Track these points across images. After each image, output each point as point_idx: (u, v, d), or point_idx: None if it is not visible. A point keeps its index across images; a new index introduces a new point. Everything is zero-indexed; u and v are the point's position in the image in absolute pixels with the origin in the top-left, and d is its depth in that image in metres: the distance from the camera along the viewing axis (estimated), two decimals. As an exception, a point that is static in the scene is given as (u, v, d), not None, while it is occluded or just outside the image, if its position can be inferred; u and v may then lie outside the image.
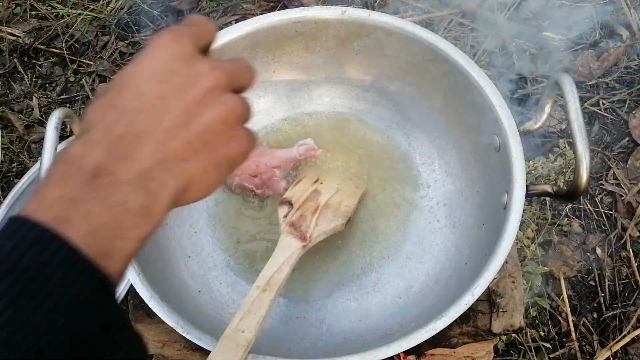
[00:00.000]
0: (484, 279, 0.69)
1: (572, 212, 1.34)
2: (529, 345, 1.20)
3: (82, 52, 1.57)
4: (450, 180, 0.92)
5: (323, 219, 0.82)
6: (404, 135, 0.97)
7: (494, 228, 0.75)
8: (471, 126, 0.86)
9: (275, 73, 0.96)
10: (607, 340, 1.21)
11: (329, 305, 0.86)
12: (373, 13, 0.86)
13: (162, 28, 1.58)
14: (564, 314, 1.25)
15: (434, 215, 0.91)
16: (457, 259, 0.85)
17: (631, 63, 1.48)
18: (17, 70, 1.56)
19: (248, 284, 0.89)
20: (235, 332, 0.66)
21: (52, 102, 1.51)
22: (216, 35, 0.44)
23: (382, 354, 0.67)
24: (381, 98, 0.98)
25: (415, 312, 0.82)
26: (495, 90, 0.80)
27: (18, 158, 1.44)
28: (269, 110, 0.99)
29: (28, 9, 1.63)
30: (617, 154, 1.40)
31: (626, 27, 1.53)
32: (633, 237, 1.31)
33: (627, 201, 1.34)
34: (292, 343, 0.82)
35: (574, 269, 1.28)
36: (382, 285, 0.87)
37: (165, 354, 0.93)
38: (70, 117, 0.77)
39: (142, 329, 0.91)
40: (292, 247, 0.78)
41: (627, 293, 1.26)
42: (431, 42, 0.84)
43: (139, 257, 0.74)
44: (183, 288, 0.85)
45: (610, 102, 1.45)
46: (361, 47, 0.91)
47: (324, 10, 0.88)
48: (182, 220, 0.92)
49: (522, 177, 0.74)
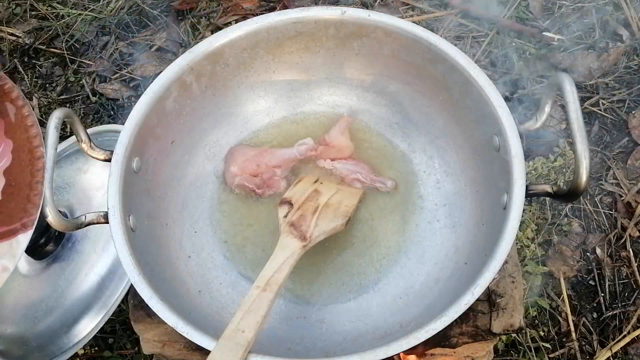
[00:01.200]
0: (484, 279, 0.69)
1: (572, 212, 1.34)
2: (528, 346, 1.20)
3: (82, 52, 1.57)
4: (450, 180, 0.92)
5: (323, 218, 0.82)
6: (404, 135, 0.97)
7: (494, 228, 0.75)
8: (471, 126, 0.86)
9: (275, 73, 0.96)
10: (607, 340, 1.21)
11: (329, 305, 0.87)
12: (373, 13, 0.86)
13: (162, 28, 1.58)
14: (564, 314, 1.25)
15: (434, 215, 0.91)
16: (457, 259, 0.85)
17: (631, 63, 1.48)
18: (17, 70, 1.56)
19: (248, 284, 0.89)
20: (235, 332, 0.66)
21: (52, 102, 1.51)
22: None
23: (382, 354, 0.67)
24: (381, 98, 0.98)
25: (415, 312, 0.82)
26: (495, 90, 0.80)
27: (18, 158, 1.44)
28: (269, 110, 0.99)
29: (28, 9, 1.63)
30: (617, 154, 1.40)
31: (626, 27, 1.53)
32: (633, 237, 1.31)
33: (627, 201, 1.34)
34: (292, 343, 0.82)
35: (574, 269, 1.28)
36: (382, 285, 0.87)
37: (165, 354, 0.93)
38: (70, 117, 0.77)
39: (142, 329, 0.91)
40: (292, 247, 0.78)
41: (627, 293, 1.26)
42: (431, 42, 0.84)
43: (139, 258, 0.74)
44: (183, 288, 0.85)
45: (610, 102, 1.45)
46: (361, 47, 0.91)
47: (324, 10, 0.88)
48: (182, 220, 0.92)
49: (522, 177, 0.74)
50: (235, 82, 0.94)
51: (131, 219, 0.78)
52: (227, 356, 0.64)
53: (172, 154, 0.90)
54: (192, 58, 0.86)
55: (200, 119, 0.93)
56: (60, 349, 1.02)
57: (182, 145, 0.92)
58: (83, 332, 1.02)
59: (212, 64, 0.89)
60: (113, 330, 1.23)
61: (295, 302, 0.87)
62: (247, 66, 0.93)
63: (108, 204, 0.76)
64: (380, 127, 0.98)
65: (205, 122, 0.94)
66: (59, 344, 1.02)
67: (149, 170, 0.86)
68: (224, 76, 0.92)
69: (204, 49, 0.86)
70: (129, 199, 0.79)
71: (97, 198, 1.07)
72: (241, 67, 0.92)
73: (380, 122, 0.98)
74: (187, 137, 0.92)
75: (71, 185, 1.08)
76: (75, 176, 1.09)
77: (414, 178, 0.94)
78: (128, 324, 0.97)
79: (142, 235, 0.80)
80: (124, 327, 1.23)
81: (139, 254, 0.75)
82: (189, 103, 0.90)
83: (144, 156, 0.84)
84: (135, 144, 0.81)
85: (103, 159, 0.81)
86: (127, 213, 0.78)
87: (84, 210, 1.05)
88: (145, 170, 0.84)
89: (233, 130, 0.98)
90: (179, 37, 1.56)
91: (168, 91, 0.85)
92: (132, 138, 0.80)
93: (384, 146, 0.96)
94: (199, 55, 0.86)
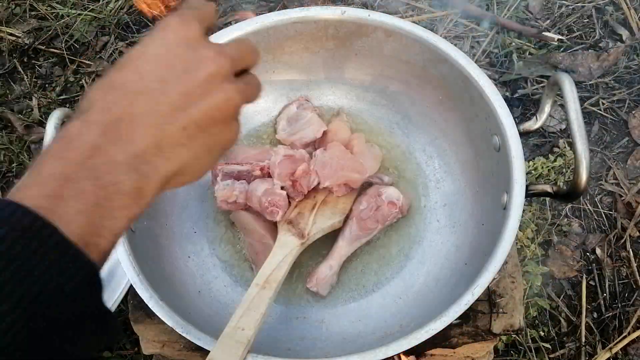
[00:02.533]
0: (484, 279, 0.69)
1: (572, 212, 1.34)
2: (528, 346, 1.20)
3: (81, 52, 1.57)
4: (450, 180, 0.92)
5: (321, 216, 0.82)
6: (404, 136, 0.97)
7: (494, 228, 0.75)
8: (471, 126, 0.86)
9: (275, 73, 0.96)
10: (608, 341, 1.21)
11: (329, 305, 0.87)
12: (373, 13, 0.86)
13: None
14: (563, 314, 1.25)
15: (434, 215, 0.91)
16: (457, 259, 0.85)
17: (631, 63, 1.48)
18: (17, 71, 1.56)
19: (248, 283, 0.89)
20: (235, 330, 0.66)
21: (52, 102, 1.51)
22: (217, 17, 0.45)
23: (382, 354, 0.67)
24: (381, 98, 0.98)
25: (415, 312, 0.82)
26: (495, 90, 0.80)
27: (18, 158, 1.44)
28: (269, 110, 0.99)
29: (28, 9, 1.63)
30: (617, 154, 1.40)
31: (626, 27, 1.53)
32: (633, 237, 1.31)
33: (627, 201, 1.34)
34: (292, 343, 0.82)
35: (574, 269, 1.28)
36: (382, 286, 0.87)
37: (165, 354, 0.93)
38: (70, 117, 0.77)
39: (142, 329, 0.91)
40: (290, 244, 0.78)
41: (627, 293, 1.26)
42: (431, 42, 0.84)
43: (139, 258, 0.74)
44: (183, 288, 0.85)
45: (610, 102, 1.45)
46: (361, 47, 0.91)
47: (324, 10, 0.88)
48: (182, 220, 0.91)
49: (522, 177, 0.74)
50: (235, 82, 0.94)
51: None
52: (227, 354, 0.64)
53: (172, 154, 0.90)
54: (192, 58, 0.86)
55: (200, 119, 0.93)
56: (60, 349, 1.02)
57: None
58: (83, 332, 1.02)
59: (212, 64, 0.88)
60: (113, 331, 1.23)
61: (295, 302, 0.87)
62: (247, 66, 0.93)
63: (108, 204, 0.76)
64: (380, 127, 0.98)
65: (205, 122, 0.94)
66: (59, 344, 1.02)
67: (149, 170, 0.85)
68: (223, 76, 0.92)
69: (203, 49, 0.86)
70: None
71: (96, 198, 1.07)
72: (241, 67, 0.92)
73: (380, 122, 0.98)
74: (187, 137, 0.92)
75: (71, 185, 1.08)
76: (75, 176, 1.09)
77: (414, 178, 0.94)
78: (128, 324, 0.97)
79: (142, 236, 0.80)
80: (124, 327, 1.23)
81: (138, 254, 0.75)
82: (188, 103, 0.90)
83: (143, 156, 0.83)
84: (135, 144, 0.81)
85: (103, 159, 0.80)
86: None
87: (84, 210, 1.05)
88: (145, 170, 0.84)
89: (233, 130, 0.98)
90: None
91: (168, 91, 0.85)
92: (132, 138, 0.80)
93: (383, 146, 0.96)
94: (198, 55, 0.86)
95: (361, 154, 0.89)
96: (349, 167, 0.86)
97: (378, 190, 0.88)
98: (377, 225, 0.86)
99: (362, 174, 0.87)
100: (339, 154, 0.87)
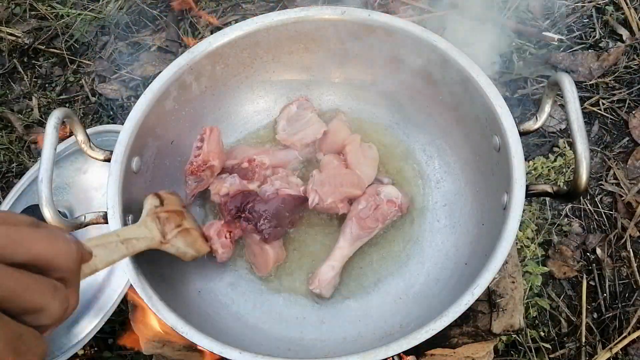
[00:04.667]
0: (484, 279, 0.69)
1: (572, 212, 1.34)
2: (529, 346, 1.20)
3: (81, 52, 1.57)
4: (450, 180, 0.92)
5: (181, 238, 0.77)
6: (404, 135, 0.97)
7: (494, 228, 0.75)
8: (471, 126, 0.86)
9: (275, 73, 0.96)
10: (608, 341, 1.21)
11: (329, 305, 0.86)
12: (373, 13, 0.86)
13: (161, 28, 1.58)
14: (564, 314, 1.25)
15: (434, 215, 0.91)
16: (457, 259, 0.85)
17: (631, 63, 1.48)
18: (17, 71, 1.56)
19: (247, 283, 0.89)
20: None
21: (52, 102, 1.51)
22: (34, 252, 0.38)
23: (382, 354, 0.67)
24: (381, 98, 0.98)
25: (415, 312, 0.81)
26: (495, 91, 0.79)
27: (17, 158, 1.44)
28: (269, 110, 0.99)
29: (28, 9, 1.63)
30: (617, 154, 1.40)
31: (626, 27, 1.53)
32: (633, 237, 1.31)
33: (627, 201, 1.34)
34: (292, 343, 0.82)
35: (574, 269, 1.28)
36: (382, 286, 0.87)
37: (165, 354, 0.93)
38: (70, 117, 0.77)
39: (142, 329, 0.91)
40: (154, 232, 0.73)
41: (628, 293, 1.26)
42: (431, 42, 0.84)
43: (139, 258, 0.74)
44: (183, 288, 0.85)
45: (610, 102, 1.45)
46: (361, 47, 0.91)
47: (324, 10, 0.88)
48: (182, 220, 0.91)
49: (522, 177, 0.74)
50: (234, 82, 0.94)
51: (130, 219, 0.78)
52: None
53: (172, 154, 0.90)
54: (192, 58, 0.86)
55: (199, 119, 0.93)
56: (60, 349, 1.02)
57: (181, 145, 0.92)
58: (83, 332, 1.02)
59: (211, 64, 0.89)
60: (113, 330, 1.23)
61: (294, 302, 0.87)
62: (247, 66, 0.93)
63: (107, 204, 0.76)
64: (380, 127, 0.98)
65: (205, 122, 0.94)
66: (59, 344, 1.02)
67: (149, 170, 0.85)
68: (223, 76, 0.92)
69: (203, 49, 0.86)
70: (129, 199, 0.79)
71: (96, 198, 1.07)
72: (241, 67, 0.92)
73: (380, 122, 0.98)
74: (187, 137, 0.92)
75: (71, 185, 1.08)
76: (74, 176, 1.09)
77: (414, 178, 0.94)
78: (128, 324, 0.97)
79: (142, 236, 0.80)
80: (124, 327, 1.23)
81: (138, 254, 0.75)
82: (188, 103, 0.90)
83: (143, 156, 0.84)
84: (135, 144, 0.81)
85: (102, 159, 0.81)
86: (126, 213, 0.78)
87: (84, 210, 1.05)
88: (144, 170, 0.84)
89: (233, 130, 0.98)
90: (178, 37, 1.55)
91: (167, 91, 0.85)
92: (132, 138, 0.80)
93: (383, 146, 0.96)
94: (198, 55, 0.86)
95: (356, 163, 0.90)
96: (347, 182, 0.87)
97: (376, 189, 0.88)
98: (377, 224, 0.86)
99: (362, 188, 0.89)
100: (334, 171, 0.88)
